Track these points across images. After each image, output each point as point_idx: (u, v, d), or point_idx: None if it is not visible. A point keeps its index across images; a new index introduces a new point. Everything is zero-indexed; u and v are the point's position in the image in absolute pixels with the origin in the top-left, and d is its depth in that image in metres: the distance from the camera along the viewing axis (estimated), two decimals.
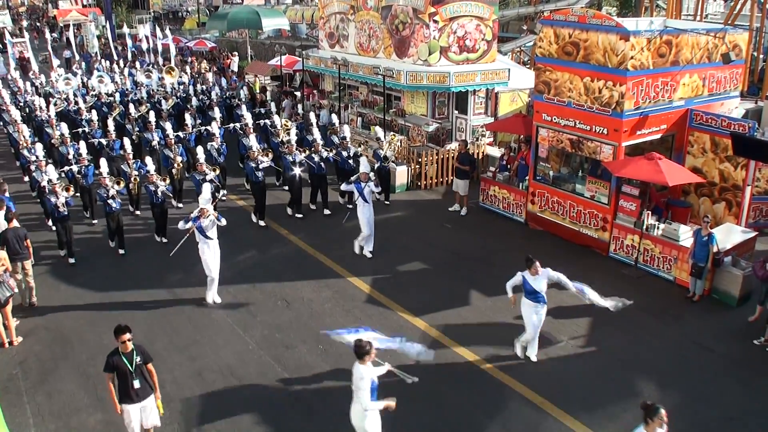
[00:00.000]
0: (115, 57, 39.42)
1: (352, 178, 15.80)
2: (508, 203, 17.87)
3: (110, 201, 15.88)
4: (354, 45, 24.44)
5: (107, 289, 14.35)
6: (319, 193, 18.81)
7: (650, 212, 14.57)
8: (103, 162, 16.83)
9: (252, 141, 18.63)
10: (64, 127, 20.96)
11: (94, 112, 23.73)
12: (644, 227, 14.42)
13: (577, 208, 15.88)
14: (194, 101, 25.84)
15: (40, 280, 14.54)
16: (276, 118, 22.10)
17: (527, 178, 17.18)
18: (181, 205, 19.19)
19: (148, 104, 25.92)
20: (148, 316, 13.36)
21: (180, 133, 21.20)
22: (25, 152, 19.84)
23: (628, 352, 11.90)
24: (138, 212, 18.80)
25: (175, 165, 19.23)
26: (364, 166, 15.68)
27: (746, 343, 12.01)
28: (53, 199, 15.43)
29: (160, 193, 16.41)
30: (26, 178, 21.78)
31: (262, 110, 24.98)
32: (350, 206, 17.80)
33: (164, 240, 16.73)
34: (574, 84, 15.36)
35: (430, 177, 20.53)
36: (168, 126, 21.10)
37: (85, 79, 32.01)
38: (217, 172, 17.76)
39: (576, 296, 13.67)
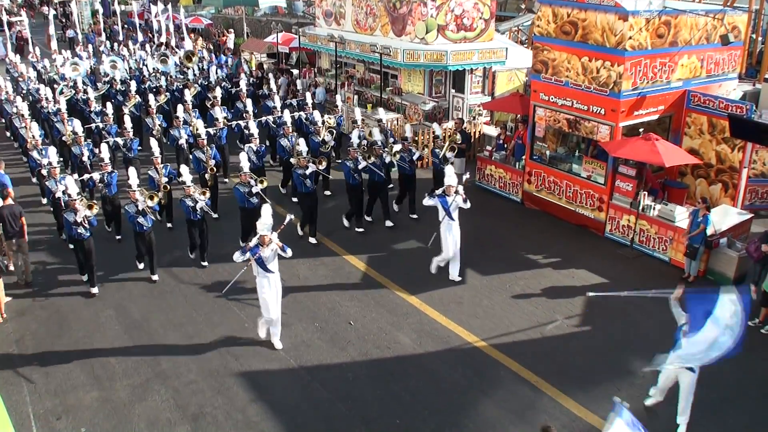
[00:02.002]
0: (121, 37, 36.84)
1: (437, 192, 13.40)
2: (504, 183, 17.86)
3: (140, 219, 13.34)
4: (351, 23, 24.28)
5: (103, 268, 14.29)
6: (371, 202, 16.50)
7: (646, 193, 14.57)
8: (132, 172, 14.00)
9: (302, 145, 15.85)
10: (77, 124, 18.17)
11: (109, 104, 20.63)
12: (640, 208, 14.44)
13: (574, 188, 15.87)
14: (219, 91, 22.18)
15: (35, 257, 14.53)
16: (316, 114, 19.12)
17: (524, 157, 17.16)
18: (216, 215, 15.72)
19: (168, 94, 23.30)
20: (145, 294, 13.37)
21: (210, 130, 18.36)
22: (35, 154, 16.79)
23: (623, 332, 11.95)
24: (170, 225, 16.34)
25: (209, 170, 16.43)
26: (449, 176, 13.24)
27: None
28: (71, 217, 12.76)
29: (198, 209, 13.91)
30: (34, 179, 18.76)
31: (294, 101, 22.02)
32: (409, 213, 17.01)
33: (204, 264, 14.47)
34: (571, 63, 15.29)
35: (427, 156, 20.46)
36: (200, 124, 18.15)
37: (92, 63, 28.66)
38: (265, 184, 14.64)
39: (570, 277, 13.81)
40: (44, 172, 15.61)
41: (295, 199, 17.08)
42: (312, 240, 15.40)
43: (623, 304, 12.73)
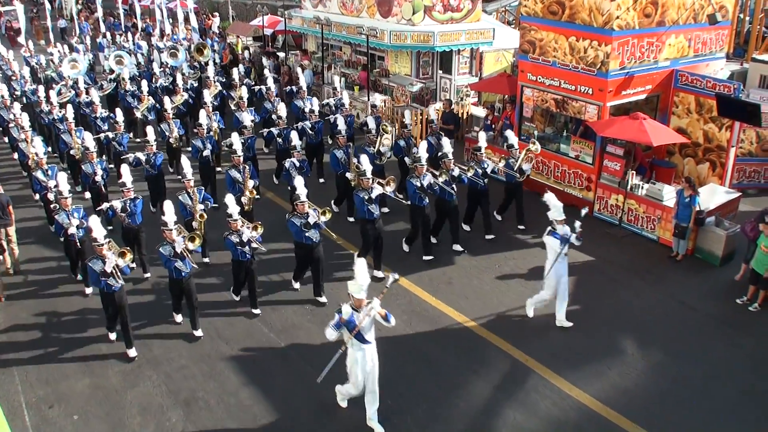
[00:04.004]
0: (122, 28, 34.29)
1: (556, 228, 11.21)
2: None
3: (178, 264, 11.01)
4: (337, 5, 24.09)
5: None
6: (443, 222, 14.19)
7: (634, 172, 14.62)
8: (168, 207, 11.12)
9: (364, 162, 12.89)
10: (88, 137, 15.21)
11: (118, 110, 17.51)
12: (628, 187, 14.48)
13: (562, 167, 15.90)
14: (244, 91, 19.39)
15: (24, 246, 14.40)
16: (370, 120, 16.61)
17: None
18: (264, 249, 12.06)
19: (184, 93, 20.52)
20: (136, 279, 13.30)
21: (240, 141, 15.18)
22: (39, 174, 14.20)
23: (612, 310, 12.01)
24: (207, 259, 13.70)
25: (247, 193, 13.83)
26: (555, 209, 11.22)
27: (729, 302, 12.15)
28: (98, 267, 10.34)
29: (248, 249, 11.52)
30: (37, 196, 15.94)
31: (331, 101, 19.60)
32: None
33: (256, 311, 12.12)
34: (559, 44, 15.26)
35: (414, 137, 20.39)
36: (235, 137, 14.87)
37: (90, 58, 26.45)
38: (329, 216, 11.97)
39: None
40: (50, 196, 13.07)
41: (351, 219, 15.51)
42: (378, 273, 12.85)
43: (612, 283, 12.83)
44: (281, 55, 28.00)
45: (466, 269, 13.46)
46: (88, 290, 12.71)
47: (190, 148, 16.66)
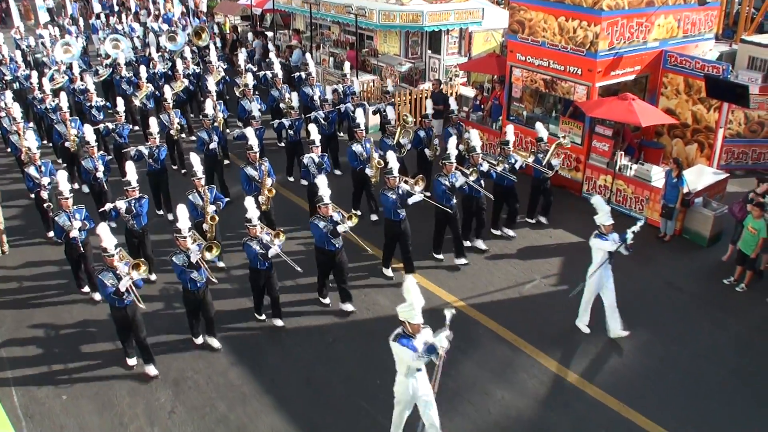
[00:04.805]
0: (109, 9, 33.00)
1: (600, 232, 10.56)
2: (481, 143, 17.79)
3: (194, 275, 10.07)
4: None
5: None
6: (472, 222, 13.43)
7: (623, 153, 14.64)
8: (182, 211, 10.18)
9: (391, 159, 11.92)
10: (89, 131, 13.64)
11: (119, 99, 16.19)
12: (617, 168, 14.50)
13: None
14: (250, 77, 17.80)
15: (10, 226, 14.34)
16: (390, 109, 16.04)
17: (501, 118, 17.13)
18: (300, 269, 10.95)
19: (185, 80, 19.21)
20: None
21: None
22: (32, 171, 12.94)
23: None
24: (222, 264, 12.94)
25: (265, 191, 12.81)
26: (603, 214, 10.48)
27: (716, 282, 12.23)
28: (108, 279, 9.43)
29: (269, 256, 10.60)
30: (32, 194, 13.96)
31: (339, 87, 18.19)
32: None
33: (279, 323, 11.23)
34: (548, 24, 15.21)
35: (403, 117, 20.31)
36: (249, 133, 13.41)
37: (83, 41, 24.94)
38: (355, 221, 11.05)
39: (548, 236, 13.89)
40: (44, 194, 12.46)
41: (374, 217, 14.70)
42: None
43: None
44: (269, 34, 27.75)
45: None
46: (97, 296, 11.93)
47: (188, 139, 15.80)
